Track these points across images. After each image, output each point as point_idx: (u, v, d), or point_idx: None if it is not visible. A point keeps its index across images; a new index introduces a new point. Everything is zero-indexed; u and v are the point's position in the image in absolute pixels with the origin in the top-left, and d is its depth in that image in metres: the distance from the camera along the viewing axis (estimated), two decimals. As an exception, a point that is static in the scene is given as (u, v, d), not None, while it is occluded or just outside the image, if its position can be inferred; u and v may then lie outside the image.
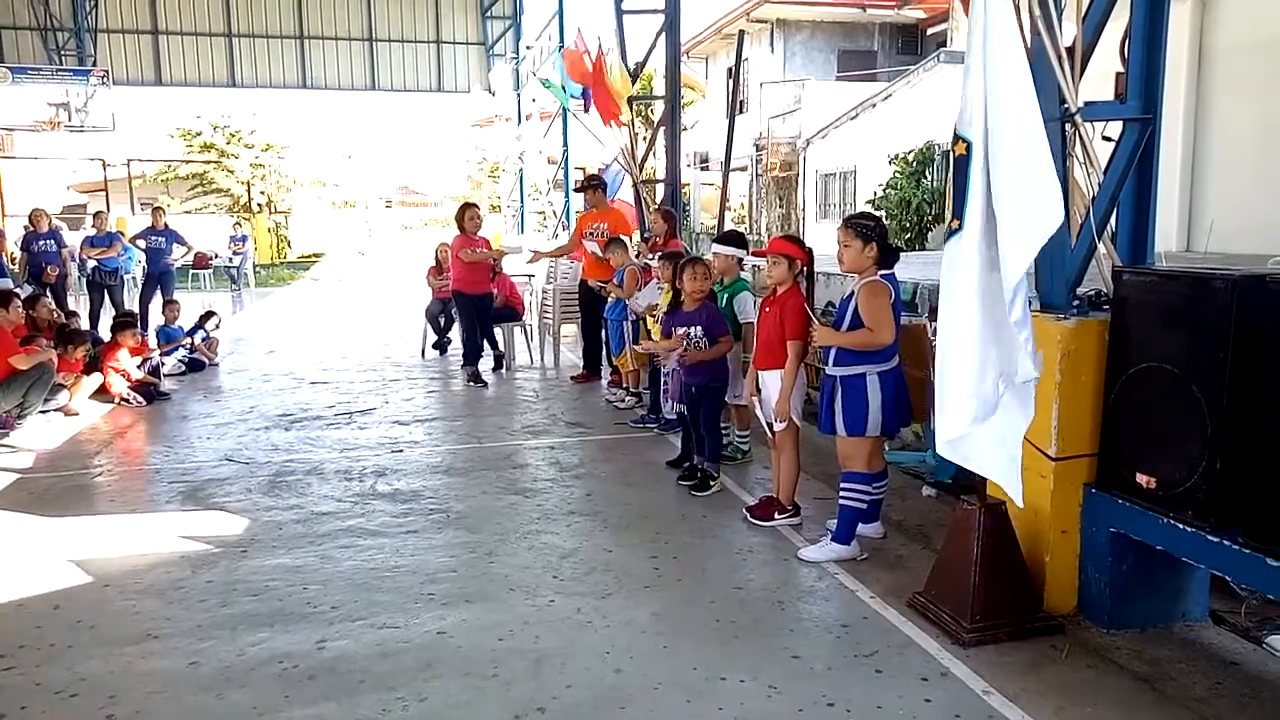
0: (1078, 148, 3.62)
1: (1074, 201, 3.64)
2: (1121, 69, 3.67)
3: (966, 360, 3.01)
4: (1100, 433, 3.42)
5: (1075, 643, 3.30)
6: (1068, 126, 3.56)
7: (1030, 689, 3.00)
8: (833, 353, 4.04)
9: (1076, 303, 3.59)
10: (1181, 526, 3.05)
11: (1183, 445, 3.05)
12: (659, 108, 10.01)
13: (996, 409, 3.04)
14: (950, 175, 3.09)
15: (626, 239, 7.58)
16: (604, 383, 8.02)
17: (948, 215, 3.12)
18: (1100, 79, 3.79)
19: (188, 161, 29.37)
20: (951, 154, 3.06)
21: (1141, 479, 3.21)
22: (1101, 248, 3.62)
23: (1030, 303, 3.67)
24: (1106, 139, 3.78)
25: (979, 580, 3.32)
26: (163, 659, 3.27)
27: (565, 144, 18.55)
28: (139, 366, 7.89)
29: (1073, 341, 3.40)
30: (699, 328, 5.06)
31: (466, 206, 8.59)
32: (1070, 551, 3.50)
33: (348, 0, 20.62)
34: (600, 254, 7.71)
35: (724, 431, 5.73)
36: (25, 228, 11.07)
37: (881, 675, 3.11)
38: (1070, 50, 3.55)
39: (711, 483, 5.09)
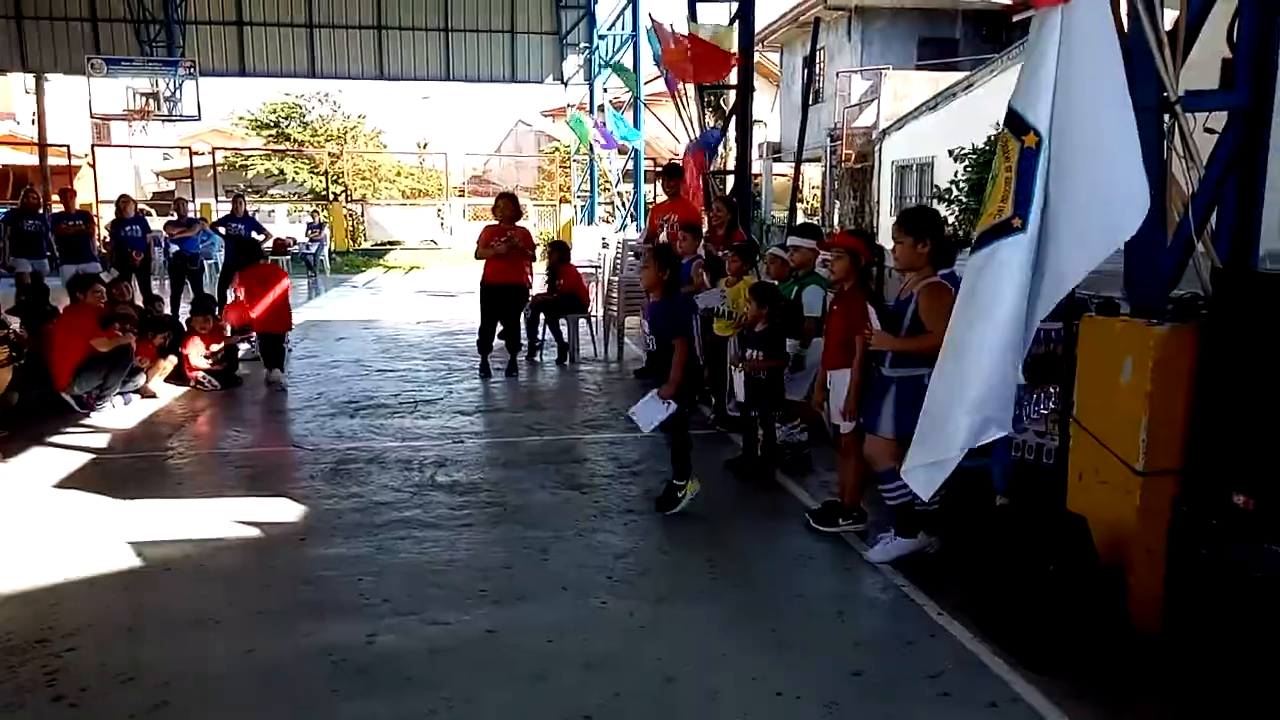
0: (1176, 140, 3.38)
1: (1171, 198, 3.40)
2: (1229, 55, 3.41)
3: (984, 371, 2.94)
4: (1193, 448, 3.18)
5: (1162, 668, 3.08)
6: (1166, 117, 3.31)
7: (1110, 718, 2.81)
8: (889, 354, 3.87)
9: (1170, 307, 3.36)
10: (1284, 553, 2.82)
11: (1288, 465, 2.81)
12: (730, 97, 9.83)
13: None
14: (1011, 166, 2.88)
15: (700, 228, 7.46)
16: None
17: (1001, 208, 2.90)
18: (1203, 66, 3.53)
19: (274, 150, 30.15)
20: (1020, 144, 2.87)
21: (1238, 499, 2.98)
22: (1200, 247, 3.38)
23: (1119, 306, 3.47)
24: (1209, 131, 3.52)
25: (1054, 598, 3.12)
26: (220, 646, 3.29)
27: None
28: (212, 354, 8.04)
29: (1165, 349, 3.16)
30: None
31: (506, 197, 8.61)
32: (1157, 572, 3.27)
33: (424, -10, 20.94)
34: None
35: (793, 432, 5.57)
36: (114, 214, 11.46)
37: (949, 699, 2.95)
38: (1171, 35, 3.31)
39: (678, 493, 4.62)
